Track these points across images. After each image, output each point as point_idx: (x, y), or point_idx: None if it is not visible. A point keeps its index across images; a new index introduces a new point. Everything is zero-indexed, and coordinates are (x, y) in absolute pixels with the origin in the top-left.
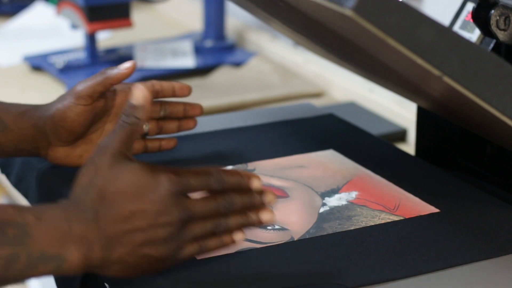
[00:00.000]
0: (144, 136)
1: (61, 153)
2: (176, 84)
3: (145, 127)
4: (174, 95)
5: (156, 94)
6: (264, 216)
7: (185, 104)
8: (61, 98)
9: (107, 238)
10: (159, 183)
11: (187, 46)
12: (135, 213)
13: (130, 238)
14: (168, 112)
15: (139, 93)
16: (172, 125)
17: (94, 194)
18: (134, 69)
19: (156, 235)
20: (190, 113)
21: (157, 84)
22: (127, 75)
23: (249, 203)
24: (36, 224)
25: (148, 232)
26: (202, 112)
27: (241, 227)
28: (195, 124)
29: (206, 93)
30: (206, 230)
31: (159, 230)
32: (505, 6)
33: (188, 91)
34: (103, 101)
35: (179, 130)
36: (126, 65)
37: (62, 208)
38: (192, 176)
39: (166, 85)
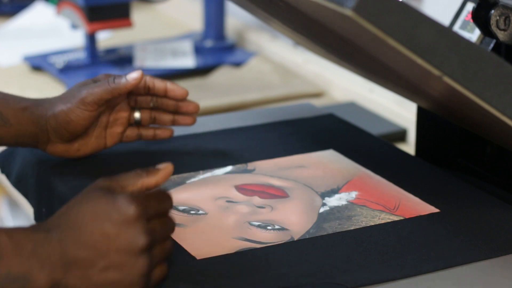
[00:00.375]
0: (137, 124)
1: (60, 148)
2: (169, 85)
3: (137, 115)
4: (166, 95)
5: (147, 90)
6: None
7: (177, 100)
8: (65, 99)
9: (69, 259)
10: (122, 206)
11: (187, 46)
12: (97, 235)
13: (93, 261)
14: (159, 104)
15: None
16: (166, 117)
17: (63, 217)
18: (141, 79)
19: (119, 260)
20: (184, 109)
21: (150, 80)
22: (135, 85)
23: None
24: (6, 243)
25: (111, 256)
26: (198, 109)
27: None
28: (193, 121)
29: (206, 93)
30: (167, 250)
31: (122, 254)
32: (505, 6)
33: (181, 95)
34: (105, 104)
35: (174, 123)
36: (134, 75)
37: (32, 229)
38: (152, 199)
39: (158, 83)
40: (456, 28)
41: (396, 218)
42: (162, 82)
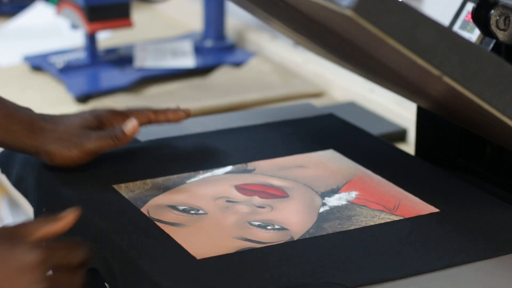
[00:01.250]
0: None
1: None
2: (171, 114)
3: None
4: (168, 122)
5: (149, 122)
6: None
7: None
8: (62, 140)
9: None
10: (22, 254)
11: (187, 46)
12: None
13: None
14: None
15: None
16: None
17: None
18: (137, 129)
19: None
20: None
21: (153, 117)
22: (132, 138)
23: None
24: None
25: None
26: (188, 115)
27: None
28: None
29: (206, 93)
30: None
31: None
32: (505, 6)
33: (184, 116)
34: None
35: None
36: (130, 127)
37: None
38: (57, 250)
39: (161, 117)
40: (456, 28)
41: (396, 218)
42: (164, 115)
